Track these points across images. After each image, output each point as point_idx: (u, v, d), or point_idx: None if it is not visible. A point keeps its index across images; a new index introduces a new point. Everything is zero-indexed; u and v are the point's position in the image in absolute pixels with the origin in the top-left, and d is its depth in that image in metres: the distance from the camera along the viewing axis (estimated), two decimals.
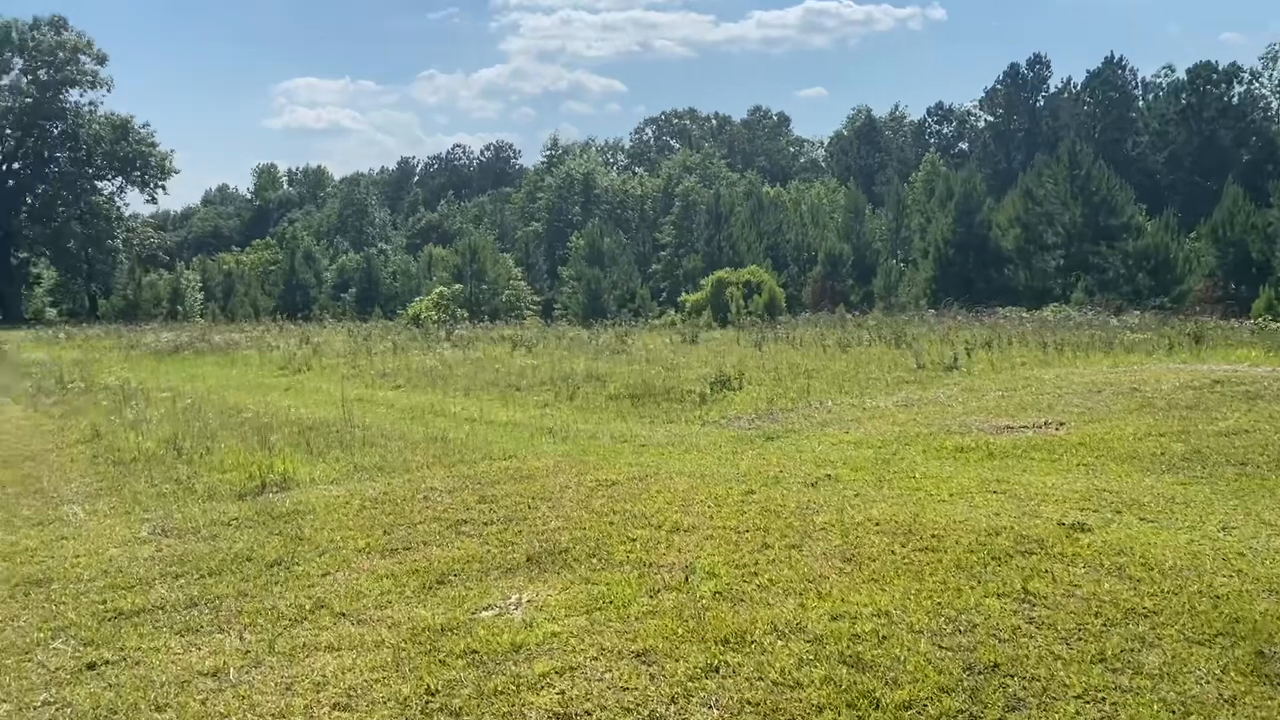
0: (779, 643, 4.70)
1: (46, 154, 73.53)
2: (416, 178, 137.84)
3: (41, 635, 5.29)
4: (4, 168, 74.22)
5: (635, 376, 16.12)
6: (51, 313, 79.21)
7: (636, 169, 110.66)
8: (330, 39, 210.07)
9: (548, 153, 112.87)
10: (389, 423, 12.65)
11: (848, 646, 4.62)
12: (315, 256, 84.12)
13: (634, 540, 6.50)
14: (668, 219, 78.88)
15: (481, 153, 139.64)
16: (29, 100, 71.36)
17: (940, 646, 4.62)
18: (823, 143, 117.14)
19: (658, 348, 22.75)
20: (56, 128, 73.01)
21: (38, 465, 10.51)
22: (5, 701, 4.47)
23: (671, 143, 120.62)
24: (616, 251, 67.97)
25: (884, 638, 4.71)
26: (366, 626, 5.21)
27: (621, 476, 8.57)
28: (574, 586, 5.65)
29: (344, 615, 5.40)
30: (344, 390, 15.59)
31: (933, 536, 6.28)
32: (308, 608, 5.55)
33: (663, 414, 12.86)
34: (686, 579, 5.67)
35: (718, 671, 4.44)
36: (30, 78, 71.85)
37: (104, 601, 5.78)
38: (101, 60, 73.48)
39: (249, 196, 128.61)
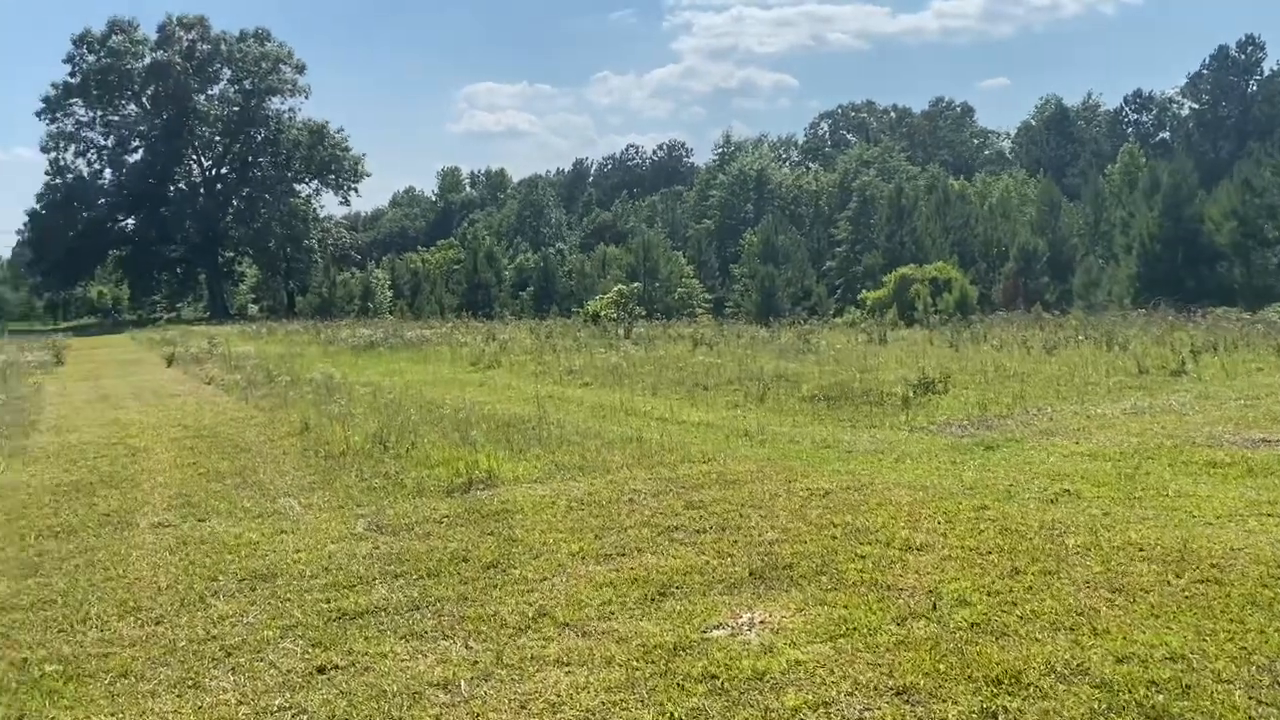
0: (1061, 687, 4.14)
1: (250, 159, 78.34)
2: (591, 178, 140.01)
3: (270, 634, 5.26)
4: (213, 173, 79.60)
5: (828, 377, 15.53)
6: (253, 309, 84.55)
7: (810, 164, 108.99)
8: (510, 44, 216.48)
9: (720, 150, 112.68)
10: (581, 420, 12.55)
11: (1145, 696, 4.02)
12: (496, 256, 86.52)
13: (863, 558, 6.03)
14: (844, 215, 77.29)
15: (654, 152, 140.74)
16: (235, 109, 76.25)
17: (1260, 701, 3.96)
18: (1009, 134, 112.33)
19: (845, 347, 22.00)
20: (259, 134, 77.67)
21: (252, 457, 10.86)
22: (244, 704, 4.41)
23: (848, 136, 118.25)
24: (791, 248, 67.03)
25: (1187, 687, 4.08)
26: (593, 640, 4.95)
27: (834, 485, 8.10)
28: (808, 608, 5.22)
29: (568, 626, 5.16)
30: (535, 387, 15.64)
31: (1212, 566, 5.54)
32: (530, 615, 5.34)
33: (863, 418, 12.25)
34: (934, 606, 5.16)
35: (996, 718, 3.93)
36: (236, 87, 76.75)
37: (328, 600, 5.74)
38: (300, 69, 77.77)
39: (433, 198, 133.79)
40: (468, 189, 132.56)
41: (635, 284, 47.84)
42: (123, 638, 5.30)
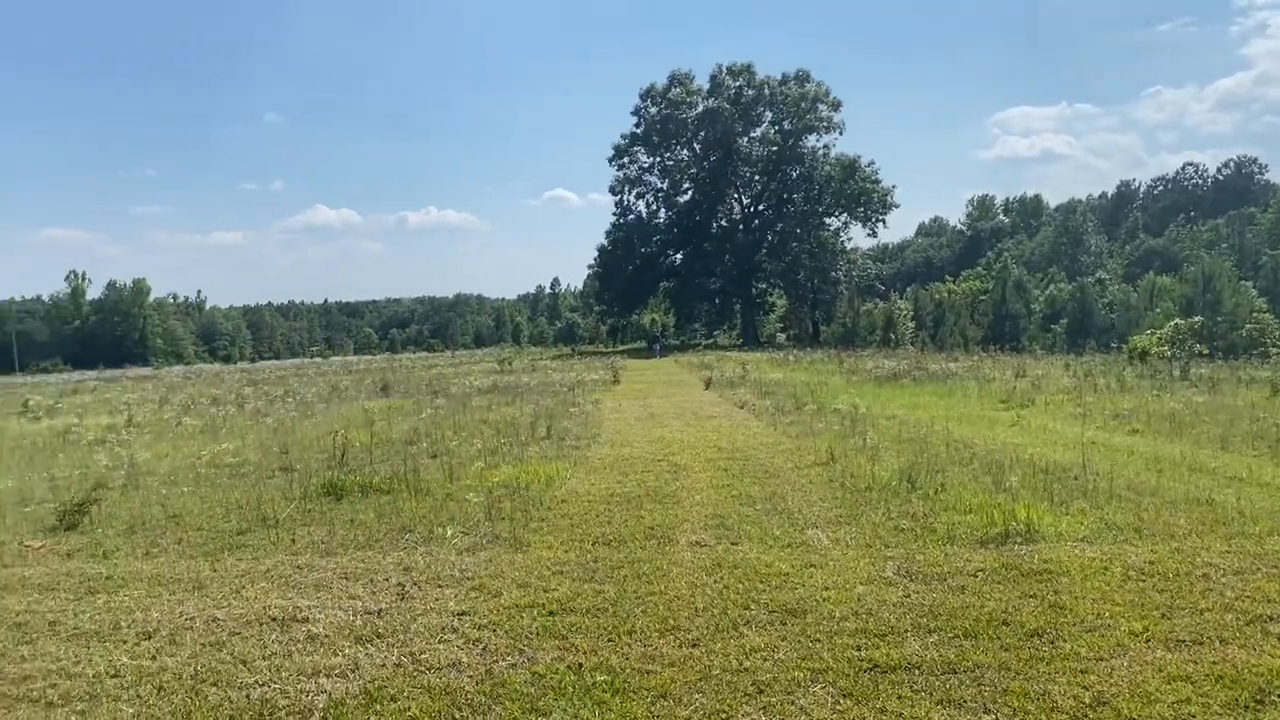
0: None
1: (785, 195, 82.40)
2: (1138, 201, 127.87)
3: (800, 675, 5.13)
4: (751, 209, 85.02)
5: None
6: (781, 337, 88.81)
7: None
8: (1046, 66, 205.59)
9: None
10: (1134, 473, 11.12)
11: None
12: (1026, 286, 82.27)
13: None
14: None
15: (1218, 171, 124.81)
16: (774, 148, 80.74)
17: None
18: None
19: None
20: (795, 171, 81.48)
21: (781, 483, 11.05)
22: None
23: None
24: None
25: None
26: None
27: None
28: None
29: None
30: (1077, 431, 14.28)
31: None
32: (1086, 701, 4.65)
33: None
34: None
35: None
36: (777, 128, 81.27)
37: (858, 648, 5.50)
38: (836, 107, 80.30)
39: (961, 227, 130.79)
40: (1001, 216, 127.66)
41: (1194, 318, 42.39)
42: (663, 656, 5.49)
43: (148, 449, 16.32)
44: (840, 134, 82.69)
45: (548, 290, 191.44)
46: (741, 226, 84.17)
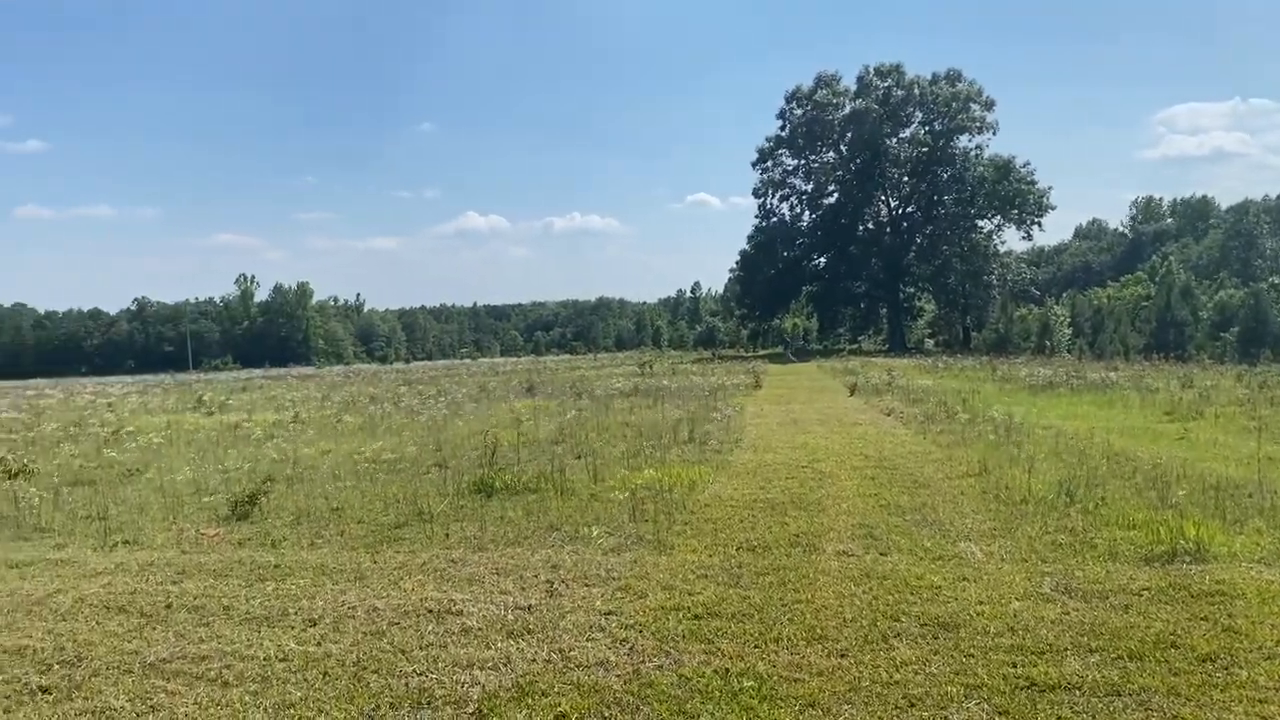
0: None
1: (935, 197, 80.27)
2: None
3: (954, 690, 5.00)
4: (899, 212, 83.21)
5: None
6: (929, 343, 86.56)
7: None
8: (1218, 59, 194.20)
9: None
10: None
11: None
12: (1192, 291, 77.89)
13: None
14: None
15: None
16: (924, 149, 78.77)
17: None
18: None
19: None
20: (946, 172, 79.23)
21: (931, 494, 10.78)
22: None
23: None
24: None
25: None
26: None
27: None
28: None
29: None
30: (1253, 446, 13.43)
31: None
32: None
33: None
34: None
35: None
36: (927, 128, 79.27)
37: (1014, 665, 5.32)
38: (989, 106, 77.72)
39: (1122, 230, 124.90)
40: (1168, 219, 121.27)
41: None
42: (810, 665, 5.44)
43: (311, 445, 17.15)
44: (994, 134, 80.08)
45: (688, 294, 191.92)
46: (889, 229, 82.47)
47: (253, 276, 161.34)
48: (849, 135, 79.65)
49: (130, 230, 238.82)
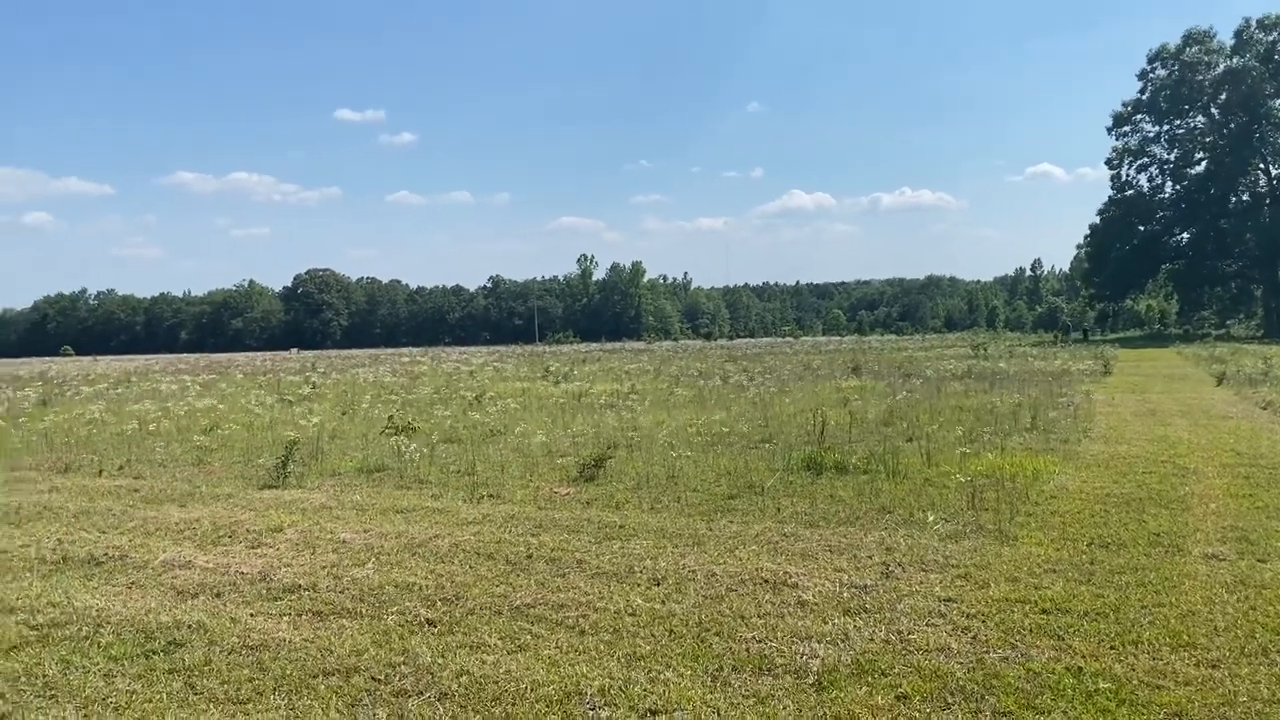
0: None
1: None
2: None
3: None
4: None
5: None
6: None
7: None
8: None
9: None
10: None
11: None
12: None
13: None
14: None
15: None
16: None
17: None
18: None
19: None
20: None
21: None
22: None
23: None
24: None
25: None
26: None
27: None
28: None
29: None
30: None
31: None
32: None
33: None
34: None
35: None
36: None
37: None
38: None
39: None
40: None
41: None
42: (1176, 673, 5.03)
43: (647, 414, 17.99)
44: None
45: (1028, 272, 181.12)
46: (1269, 201, 73.20)
47: (592, 256, 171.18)
48: (1223, 97, 71.50)
49: (486, 214, 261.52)
